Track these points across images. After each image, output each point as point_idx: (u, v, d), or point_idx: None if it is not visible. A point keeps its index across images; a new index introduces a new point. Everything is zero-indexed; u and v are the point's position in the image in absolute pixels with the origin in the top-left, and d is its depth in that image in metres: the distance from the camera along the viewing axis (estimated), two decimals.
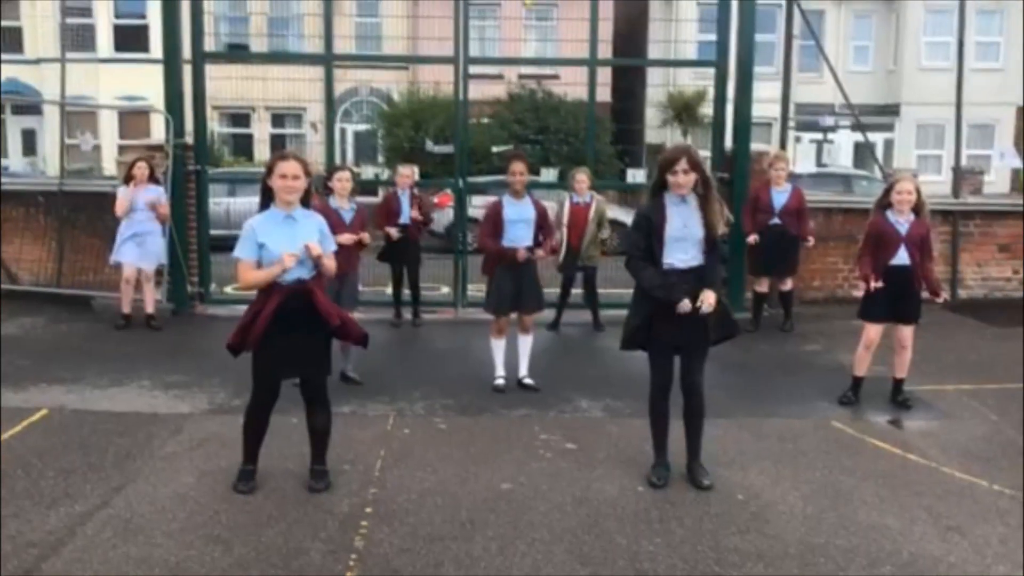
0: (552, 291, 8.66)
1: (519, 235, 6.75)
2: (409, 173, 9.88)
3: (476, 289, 10.16)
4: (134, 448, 5.51)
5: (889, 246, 6.48)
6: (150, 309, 9.15)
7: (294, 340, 4.65)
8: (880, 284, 6.48)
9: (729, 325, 5.09)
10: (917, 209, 6.47)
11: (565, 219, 9.20)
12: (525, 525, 4.51)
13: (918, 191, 6.46)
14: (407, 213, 9.50)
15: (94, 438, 5.68)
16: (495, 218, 6.79)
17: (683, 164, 4.79)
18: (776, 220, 9.08)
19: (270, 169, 4.66)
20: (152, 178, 9.17)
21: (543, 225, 6.89)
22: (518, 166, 6.77)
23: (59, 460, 5.28)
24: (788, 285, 9.44)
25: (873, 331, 6.65)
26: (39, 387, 6.84)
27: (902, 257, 6.48)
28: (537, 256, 6.86)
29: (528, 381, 7.02)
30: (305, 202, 4.75)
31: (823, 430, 6.13)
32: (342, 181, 7.12)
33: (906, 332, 6.61)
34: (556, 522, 4.55)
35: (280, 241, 4.59)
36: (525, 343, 7.04)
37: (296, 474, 5.05)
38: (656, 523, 4.56)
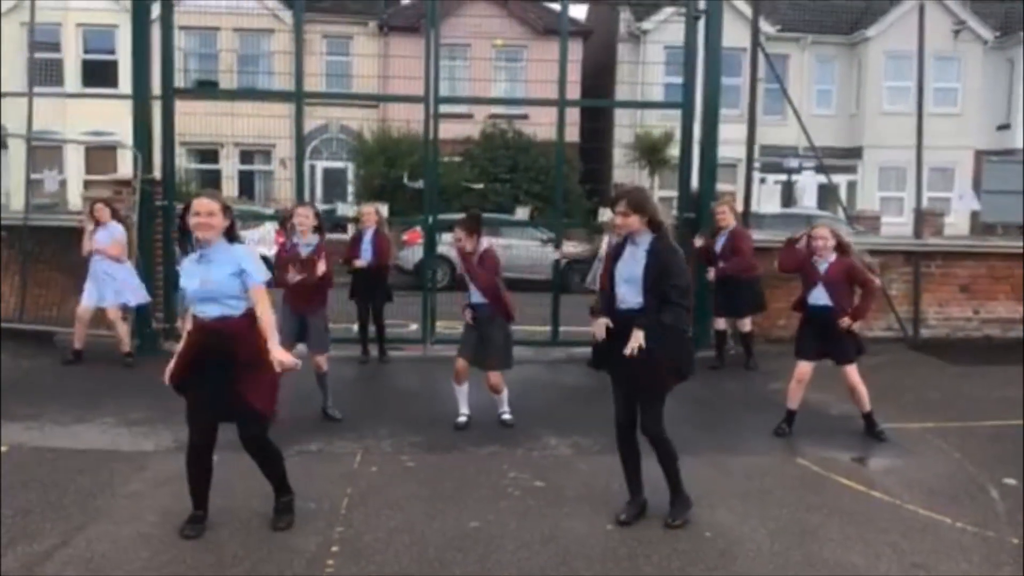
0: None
1: (470, 291, 6.98)
2: (371, 211, 9.84)
3: (444, 326, 10.16)
4: (96, 486, 5.43)
5: (807, 283, 6.83)
6: (125, 348, 9.11)
7: (212, 383, 4.53)
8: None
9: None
10: (841, 248, 6.71)
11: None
12: (493, 564, 4.49)
13: (835, 234, 6.76)
14: (367, 253, 9.47)
15: (55, 476, 5.58)
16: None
17: (621, 206, 4.82)
18: (721, 263, 9.22)
19: (186, 208, 4.60)
20: (116, 216, 9.14)
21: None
22: (456, 232, 6.92)
23: (18, 498, 5.17)
24: (747, 327, 9.51)
25: (801, 368, 6.84)
26: None
27: (820, 297, 6.74)
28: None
29: (506, 417, 7.06)
30: (231, 238, 4.64)
31: (789, 467, 6.18)
32: (303, 218, 7.26)
33: (845, 371, 6.80)
34: (525, 560, 4.54)
35: (193, 282, 4.56)
36: (497, 399, 7.09)
37: (260, 513, 4.98)
38: (624, 560, 4.56)
